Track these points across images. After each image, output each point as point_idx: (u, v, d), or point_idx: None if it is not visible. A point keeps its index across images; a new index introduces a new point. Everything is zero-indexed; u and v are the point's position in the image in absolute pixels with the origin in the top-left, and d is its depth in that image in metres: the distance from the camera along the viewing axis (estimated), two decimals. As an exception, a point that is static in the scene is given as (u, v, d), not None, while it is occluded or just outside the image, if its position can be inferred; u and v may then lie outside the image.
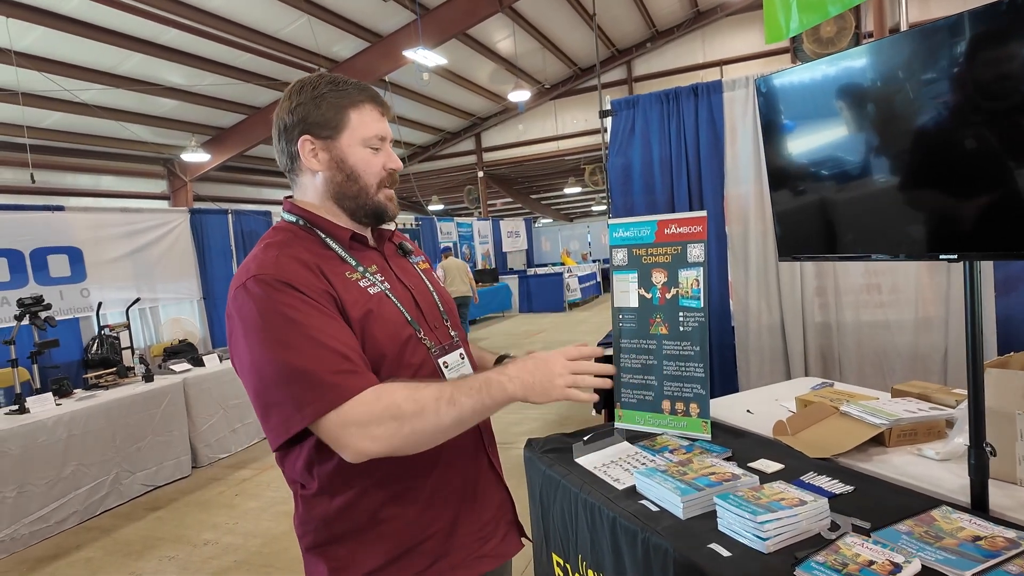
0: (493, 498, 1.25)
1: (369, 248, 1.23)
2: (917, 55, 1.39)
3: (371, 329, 1.08)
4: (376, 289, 1.13)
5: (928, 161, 1.42)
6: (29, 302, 4.04)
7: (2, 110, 8.42)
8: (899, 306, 3.11)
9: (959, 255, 1.39)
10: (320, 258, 1.10)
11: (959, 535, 1.31)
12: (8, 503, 3.51)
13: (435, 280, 1.35)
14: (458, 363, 1.22)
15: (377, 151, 1.18)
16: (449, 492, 1.16)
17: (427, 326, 1.20)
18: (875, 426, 1.83)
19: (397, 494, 1.11)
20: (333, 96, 1.13)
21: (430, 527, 1.13)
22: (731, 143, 3.36)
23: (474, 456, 1.23)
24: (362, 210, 1.18)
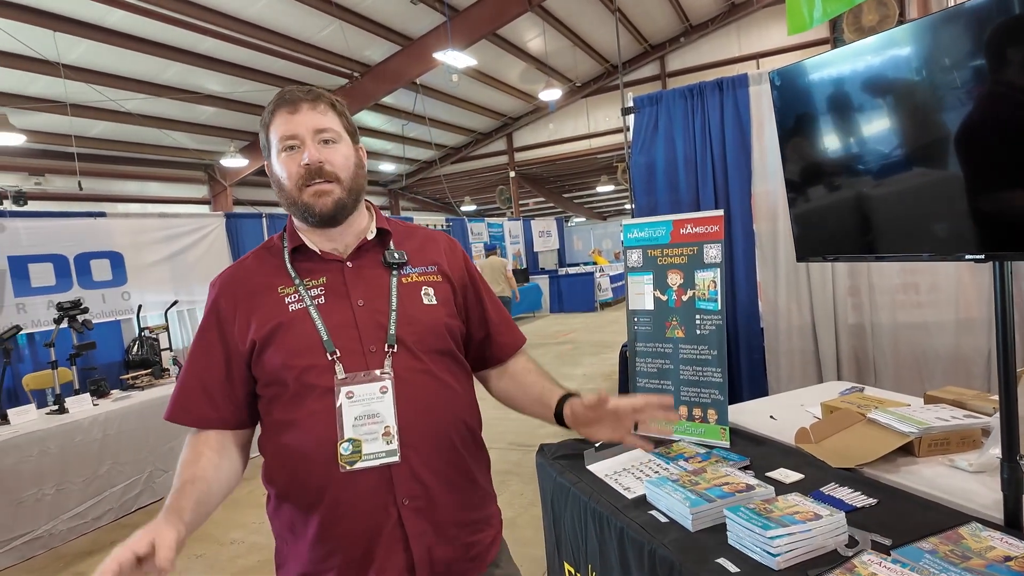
0: (394, 560, 1.08)
1: (325, 259, 1.17)
2: (943, 42, 1.30)
3: (274, 343, 1.10)
4: (299, 306, 1.12)
5: (952, 156, 1.32)
6: (68, 306, 4.19)
7: (52, 120, 8.79)
8: (938, 306, 2.96)
9: (986, 255, 1.30)
10: (267, 271, 1.18)
11: (988, 555, 1.22)
12: (47, 500, 3.64)
13: (416, 297, 1.18)
14: (372, 396, 1.08)
15: (294, 151, 1.12)
16: (339, 535, 1.07)
17: (355, 348, 1.10)
18: (904, 435, 1.73)
19: (300, 515, 1.10)
20: (262, 119, 1.18)
21: (326, 562, 1.09)
22: (758, 138, 3.26)
23: (375, 509, 1.07)
24: (300, 215, 1.15)
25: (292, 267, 1.17)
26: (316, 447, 1.07)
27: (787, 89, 1.69)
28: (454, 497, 1.15)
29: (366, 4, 8.87)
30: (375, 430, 1.07)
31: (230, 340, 1.12)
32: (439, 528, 1.12)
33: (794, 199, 1.74)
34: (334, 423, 1.07)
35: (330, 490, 1.06)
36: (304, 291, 1.14)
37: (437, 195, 17.87)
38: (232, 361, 1.13)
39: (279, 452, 1.11)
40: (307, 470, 1.08)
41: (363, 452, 1.06)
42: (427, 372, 1.14)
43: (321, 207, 1.12)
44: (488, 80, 12.31)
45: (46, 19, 7.01)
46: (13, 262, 5.26)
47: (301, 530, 1.10)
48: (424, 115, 12.14)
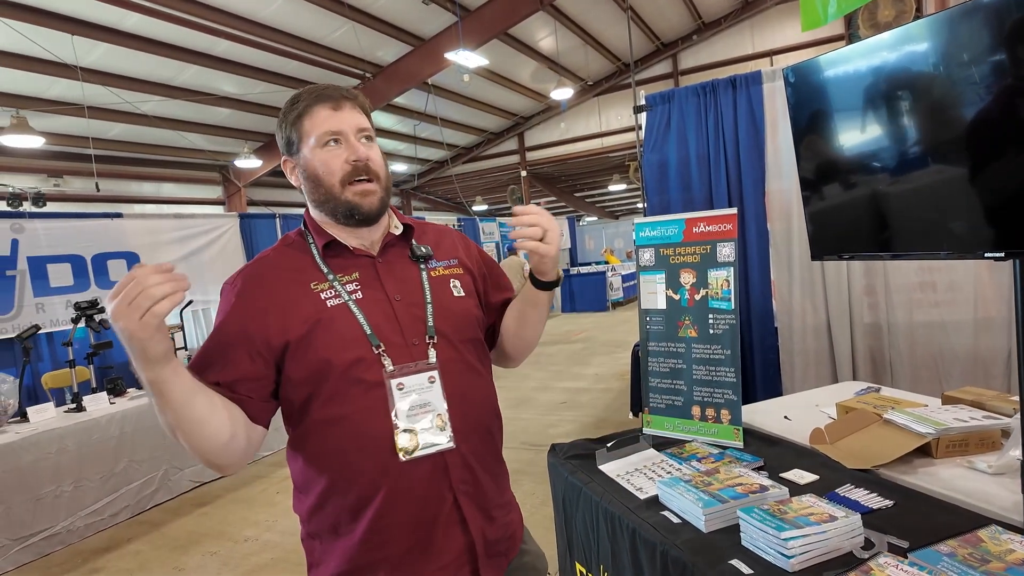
0: (453, 543, 1.11)
1: (356, 255, 1.17)
2: (960, 37, 1.28)
3: (315, 341, 1.08)
4: (337, 301, 1.11)
5: (971, 152, 1.30)
6: (85, 305, 4.25)
7: (70, 123, 8.91)
8: (956, 305, 2.91)
9: (1007, 253, 1.27)
10: (295, 267, 1.15)
11: (1008, 558, 1.20)
12: (65, 497, 3.70)
13: (446, 290, 1.21)
14: (421, 386, 1.10)
15: (337, 146, 1.13)
16: (396, 523, 1.08)
17: (399, 341, 1.11)
18: (921, 435, 1.71)
19: (344, 510, 1.09)
20: (289, 112, 1.16)
21: (379, 551, 1.09)
22: (772, 136, 3.23)
23: (431, 494, 1.09)
24: (337, 212, 1.15)
25: (324, 263, 1.15)
26: (372, 439, 1.08)
27: (801, 86, 1.67)
28: (493, 481, 1.20)
29: (378, 5, 8.90)
30: (428, 419, 1.10)
31: (258, 337, 1.08)
32: (485, 511, 1.16)
33: (809, 197, 1.72)
34: (388, 415, 1.08)
35: (387, 480, 1.07)
36: (339, 286, 1.13)
37: (449, 195, 17.90)
38: (258, 358, 1.08)
39: (325, 450, 1.10)
40: (361, 463, 1.08)
41: (420, 441, 1.09)
42: (464, 362, 1.18)
43: (368, 206, 1.14)
44: (500, 80, 12.31)
45: (64, 23, 7.11)
46: (32, 263, 5.34)
47: (349, 525, 1.09)
48: (436, 115, 12.15)
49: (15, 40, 6.95)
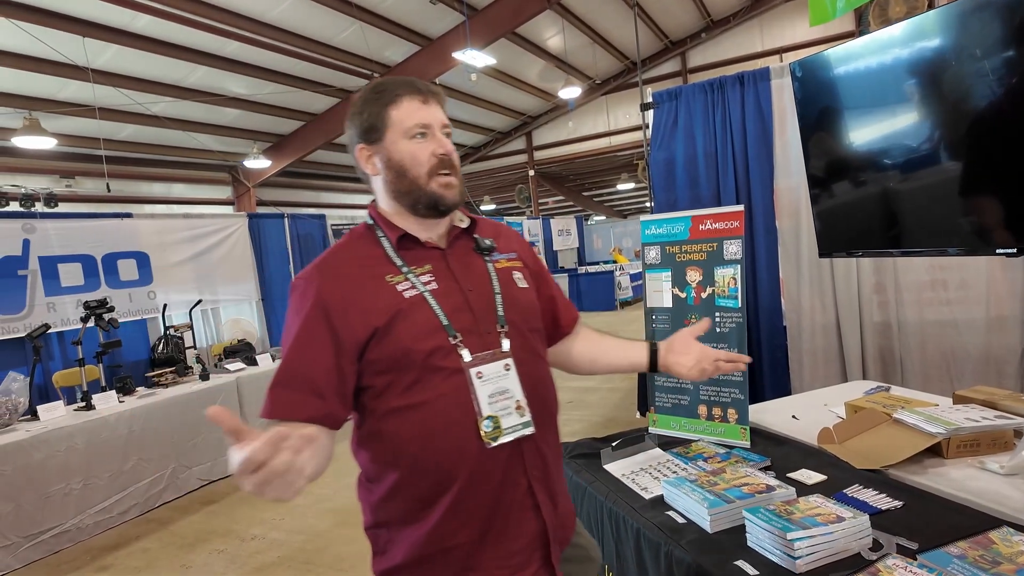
0: (526, 527, 1.13)
1: (426, 247, 1.19)
2: (972, 31, 1.25)
3: (395, 331, 1.09)
4: (413, 292, 1.13)
5: (983, 147, 1.28)
6: (94, 304, 4.28)
7: (81, 124, 8.99)
8: (968, 304, 2.87)
9: (1019, 249, 1.25)
10: (368, 261, 1.17)
11: (1019, 560, 1.17)
12: (75, 494, 3.72)
13: (511, 281, 1.24)
14: (499, 374, 1.13)
15: (424, 138, 1.15)
16: (472, 509, 1.09)
17: (473, 332, 1.13)
18: (931, 435, 1.68)
19: (419, 498, 1.10)
20: (373, 100, 1.17)
21: (452, 538, 1.09)
22: (780, 133, 3.19)
23: (508, 479, 1.11)
24: (419, 203, 1.17)
25: (398, 256, 1.17)
26: (454, 426, 1.09)
27: (809, 81, 1.65)
28: (557, 467, 1.23)
29: (386, 5, 8.92)
30: (508, 405, 1.12)
31: (341, 331, 1.08)
32: (553, 496, 1.18)
33: (816, 194, 1.70)
34: (470, 402, 1.10)
35: (467, 466, 1.09)
36: (414, 278, 1.15)
37: (457, 195, 17.91)
38: (342, 353, 1.09)
39: (403, 438, 1.11)
40: (442, 449, 1.09)
41: (503, 427, 1.11)
42: (531, 350, 1.22)
43: (451, 197, 1.17)
44: (507, 79, 12.29)
45: (76, 25, 7.17)
46: (43, 262, 5.38)
47: (423, 512, 1.10)
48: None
49: (28, 43, 7.02)
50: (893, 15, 10.25)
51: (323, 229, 9.06)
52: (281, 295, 7.99)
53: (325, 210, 11.01)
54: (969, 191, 1.33)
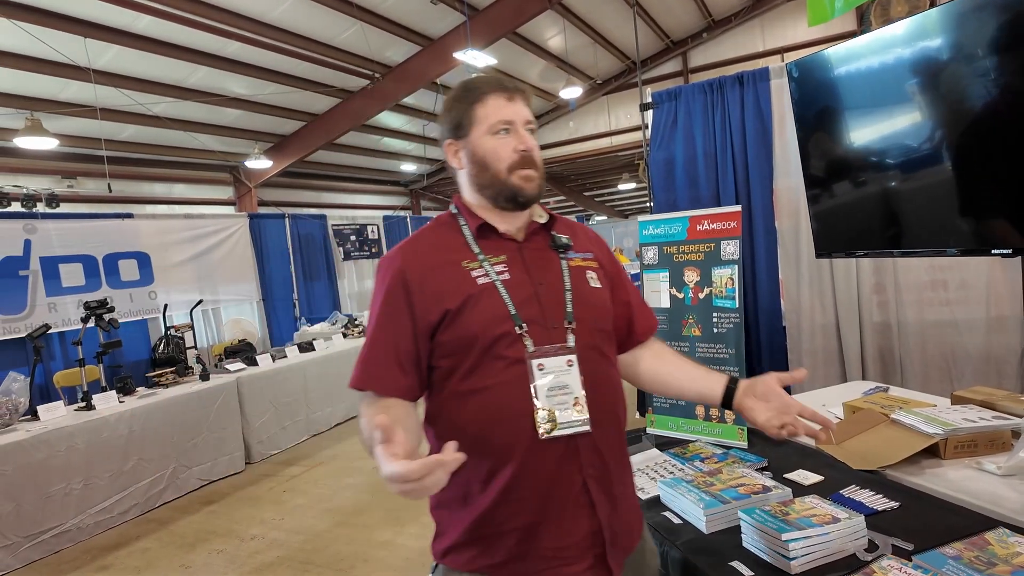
0: (579, 525, 1.13)
1: (504, 238, 1.22)
2: (970, 30, 1.25)
3: (465, 315, 1.13)
4: (486, 280, 1.16)
5: (981, 149, 1.27)
6: (94, 305, 4.28)
7: (82, 124, 8.98)
8: (968, 304, 2.86)
9: (1014, 250, 1.24)
10: (447, 246, 1.22)
11: (1014, 561, 1.17)
12: (75, 494, 3.73)
13: (583, 279, 1.24)
14: (560, 368, 1.13)
15: (507, 134, 1.19)
16: (524, 497, 1.11)
17: (539, 323, 1.15)
18: (928, 436, 1.68)
19: (475, 480, 1.13)
20: (461, 98, 1.22)
21: (506, 523, 1.12)
22: (779, 133, 3.19)
23: (561, 474, 1.12)
24: (500, 196, 1.20)
25: (476, 243, 1.21)
26: (510, 413, 1.11)
27: (805, 81, 1.64)
28: (620, 471, 1.21)
29: (387, 5, 8.90)
30: (566, 400, 1.12)
31: (418, 311, 1.15)
32: (613, 500, 1.17)
33: (813, 194, 1.69)
34: (528, 392, 1.11)
35: (519, 455, 1.10)
36: (488, 266, 1.18)
37: (458, 195, 17.92)
38: (418, 331, 1.15)
39: (462, 420, 1.14)
40: (497, 435, 1.11)
41: (558, 421, 1.11)
42: (597, 350, 1.20)
43: (530, 191, 1.20)
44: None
45: (77, 26, 7.16)
46: (45, 263, 5.40)
47: (478, 496, 1.13)
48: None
49: (29, 43, 7.02)
50: (895, 15, 10.21)
51: (324, 229, 9.08)
52: (282, 296, 8.01)
53: (326, 210, 11.01)
54: (966, 192, 1.32)
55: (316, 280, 8.73)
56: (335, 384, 5.87)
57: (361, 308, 9.12)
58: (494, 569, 1.13)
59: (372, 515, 3.72)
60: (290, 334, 7.63)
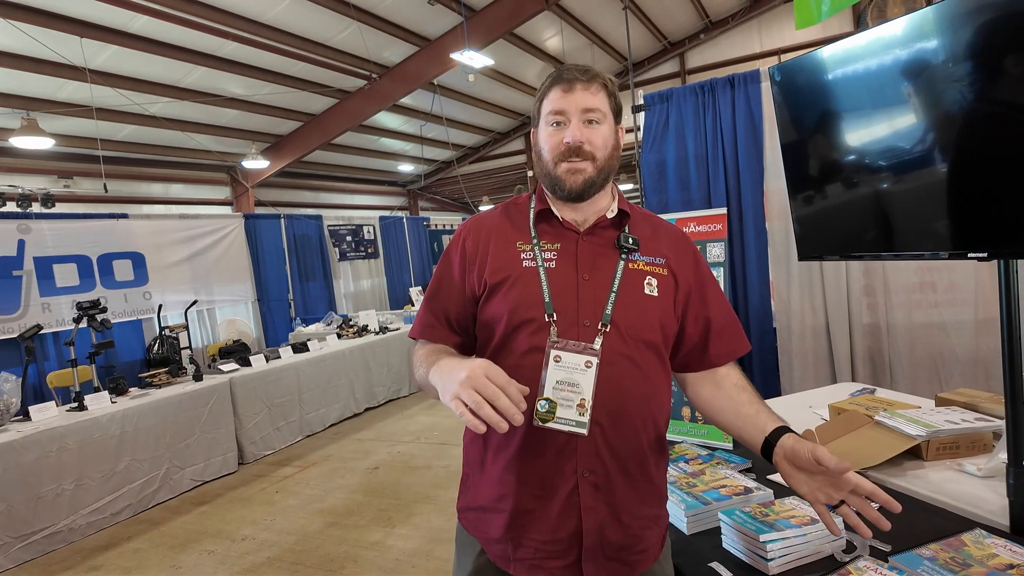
0: (566, 523, 1.13)
1: (565, 227, 1.23)
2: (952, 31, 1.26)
3: (500, 293, 1.17)
4: (531, 264, 1.19)
5: (956, 153, 1.28)
6: (87, 305, 4.28)
7: (79, 124, 8.98)
8: (956, 306, 2.87)
9: (990, 253, 1.25)
10: (511, 225, 1.27)
11: (990, 562, 1.18)
12: (66, 495, 3.73)
13: (638, 284, 1.19)
14: (576, 367, 1.10)
15: (559, 127, 1.20)
16: (526, 475, 1.14)
17: (572, 317, 1.13)
18: (910, 438, 1.68)
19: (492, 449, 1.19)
20: (540, 90, 1.26)
21: (502, 502, 1.16)
22: (770, 135, 3.19)
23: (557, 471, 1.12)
24: (549, 185, 1.23)
25: (534, 228, 1.24)
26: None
27: (787, 84, 1.65)
28: (629, 486, 1.16)
29: (384, 6, 8.91)
30: (571, 398, 1.11)
31: (467, 279, 1.22)
32: (614, 510, 1.14)
33: (795, 197, 1.70)
34: (537, 378, 1.10)
35: (519, 437, 1.14)
36: (539, 252, 1.20)
37: (455, 195, 17.92)
38: (466, 297, 1.23)
39: None
40: None
41: (556, 414, 1.10)
42: (631, 360, 1.16)
43: (571, 183, 1.19)
44: (505, 80, 12.28)
45: (74, 25, 7.16)
46: (39, 263, 5.40)
47: (488, 467, 1.20)
48: (442, 115, 12.16)
49: (26, 43, 7.02)
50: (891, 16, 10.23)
51: (319, 229, 9.09)
52: (278, 296, 8.01)
53: (323, 210, 11.01)
54: (943, 196, 1.33)
55: (312, 280, 8.73)
56: (329, 385, 5.87)
57: (357, 309, 9.12)
58: (488, 543, 1.19)
59: (363, 516, 3.73)
60: (285, 334, 7.63)
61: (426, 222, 11.91)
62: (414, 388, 7.06)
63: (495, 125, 15.00)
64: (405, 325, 7.41)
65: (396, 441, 5.25)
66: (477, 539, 1.22)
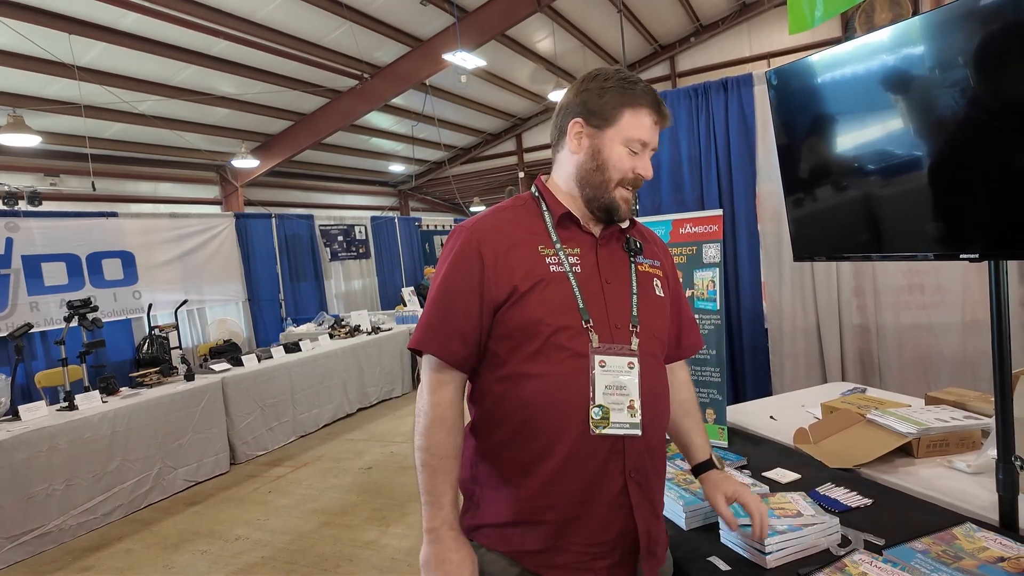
0: (616, 524, 1.14)
1: (582, 231, 1.22)
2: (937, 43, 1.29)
3: (532, 298, 1.13)
4: (559, 268, 1.16)
5: (948, 154, 1.31)
6: (78, 304, 4.25)
7: (67, 122, 8.89)
8: (944, 307, 2.93)
9: (981, 254, 1.29)
10: (526, 227, 1.21)
11: (980, 555, 1.21)
12: (57, 495, 3.69)
13: (650, 286, 1.25)
14: (621, 369, 1.13)
15: (635, 155, 1.18)
16: (565, 491, 1.12)
17: (604, 321, 1.15)
18: (902, 435, 1.72)
19: (516, 464, 1.14)
20: (617, 92, 1.18)
21: (544, 514, 1.13)
22: (763, 138, 3.24)
23: (604, 472, 1.13)
24: (596, 202, 1.20)
25: (555, 230, 1.21)
26: (566, 404, 1.11)
27: (783, 88, 1.68)
28: (658, 480, 1.22)
29: (376, 6, 8.91)
30: (621, 401, 1.13)
31: (488, 285, 1.14)
32: (652, 506, 1.18)
33: (790, 199, 1.73)
34: (587, 385, 1.11)
35: (564, 446, 1.11)
36: (563, 256, 1.18)
37: (446, 195, 17.92)
38: (484, 306, 1.15)
39: (517, 401, 1.14)
40: (548, 423, 1.12)
41: (611, 420, 1.11)
42: (656, 357, 1.22)
43: (624, 212, 1.22)
44: (497, 81, 12.32)
45: (62, 22, 7.10)
46: (27, 261, 5.34)
47: (519, 479, 1.14)
48: (433, 116, 12.16)
49: (13, 39, 6.94)
50: (879, 22, 10.39)
51: (311, 229, 9.06)
52: (268, 296, 7.97)
53: (314, 210, 10.97)
54: (936, 198, 1.37)
55: (303, 280, 8.70)
56: (322, 385, 5.86)
57: (348, 309, 9.10)
58: (525, 555, 1.14)
59: (357, 515, 3.73)
60: (276, 334, 7.60)
61: (417, 222, 11.89)
62: (406, 388, 7.06)
63: (487, 126, 15.02)
64: (397, 325, 7.40)
65: (389, 441, 5.25)
66: (504, 553, 1.16)
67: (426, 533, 1.12)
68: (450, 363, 1.15)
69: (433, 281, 1.21)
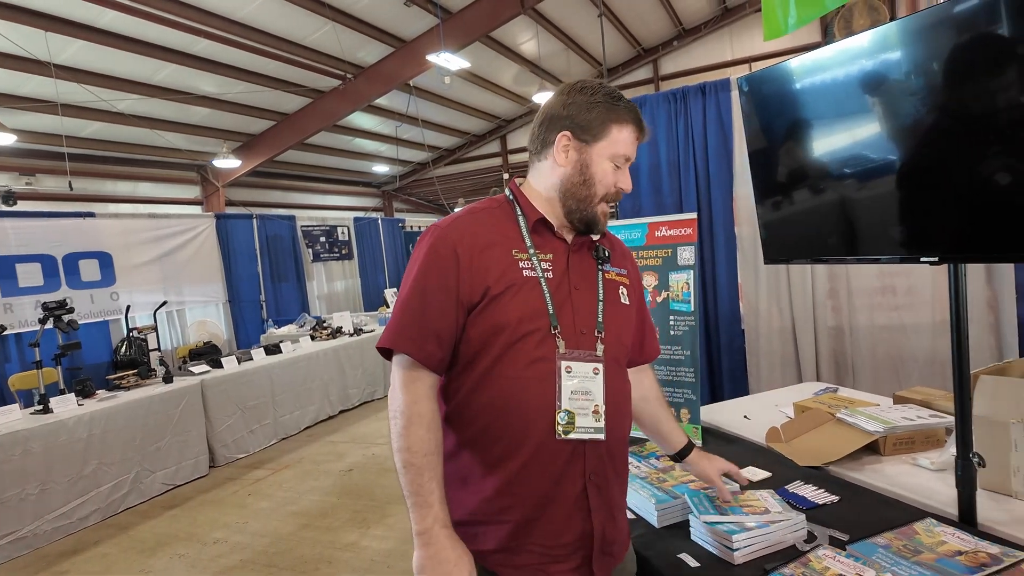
0: (572, 527, 1.15)
1: (555, 237, 1.23)
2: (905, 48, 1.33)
3: (503, 301, 1.14)
4: (531, 273, 1.17)
5: (913, 159, 1.35)
6: (53, 305, 4.19)
7: (42, 121, 8.74)
8: (915, 309, 2.99)
9: (940, 257, 1.33)
10: (501, 230, 1.21)
11: (939, 549, 1.25)
12: (31, 500, 3.64)
13: (615, 293, 1.27)
14: (586, 375, 1.16)
15: (617, 169, 1.21)
16: (525, 493, 1.13)
17: (571, 327, 1.17)
18: (869, 434, 1.76)
19: (483, 465, 1.16)
20: (605, 108, 1.20)
21: (505, 514, 1.14)
22: (739, 142, 3.29)
23: (564, 475, 1.14)
24: (579, 214, 1.22)
25: (529, 236, 1.22)
26: (531, 409, 1.13)
27: (755, 94, 1.72)
28: (619, 483, 1.25)
29: (359, 6, 8.88)
30: (586, 406, 1.15)
31: (464, 286, 1.14)
32: (609, 509, 1.20)
33: (762, 203, 1.77)
34: (551, 390, 1.13)
35: (529, 450, 1.13)
36: (537, 261, 1.19)
37: (430, 196, 17.89)
38: (459, 307, 1.15)
39: (479, 402, 1.15)
40: (511, 426, 1.13)
41: (576, 424, 1.13)
42: (618, 363, 1.25)
43: (603, 227, 1.25)
44: (481, 82, 12.33)
45: (38, 19, 6.98)
46: (1, 262, 5.25)
47: (479, 481, 1.16)
48: (417, 117, 12.14)
49: (-13, 36, 6.83)
50: (857, 28, 10.53)
51: (293, 230, 9.00)
52: (249, 297, 7.91)
53: (295, 211, 10.89)
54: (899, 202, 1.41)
55: (284, 281, 8.64)
56: (303, 387, 5.82)
57: (330, 310, 9.05)
58: (483, 555, 1.16)
59: (337, 517, 3.72)
60: (257, 336, 7.54)
61: (401, 223, 11.87)
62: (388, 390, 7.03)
63: (471, 127, 15.02)
64: (380, 327, 7.37)
65: (370, 443, 5.24)
66: None
67: (417, 536, 1.10)
68: (424, 364, 1.15)
69: (405, 279, 1.21)
